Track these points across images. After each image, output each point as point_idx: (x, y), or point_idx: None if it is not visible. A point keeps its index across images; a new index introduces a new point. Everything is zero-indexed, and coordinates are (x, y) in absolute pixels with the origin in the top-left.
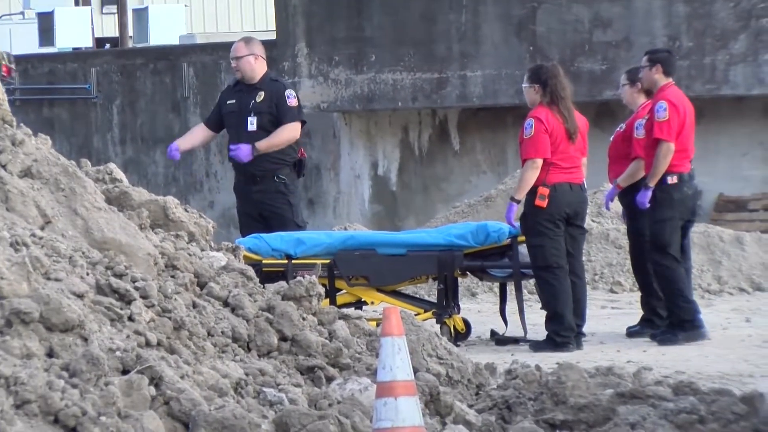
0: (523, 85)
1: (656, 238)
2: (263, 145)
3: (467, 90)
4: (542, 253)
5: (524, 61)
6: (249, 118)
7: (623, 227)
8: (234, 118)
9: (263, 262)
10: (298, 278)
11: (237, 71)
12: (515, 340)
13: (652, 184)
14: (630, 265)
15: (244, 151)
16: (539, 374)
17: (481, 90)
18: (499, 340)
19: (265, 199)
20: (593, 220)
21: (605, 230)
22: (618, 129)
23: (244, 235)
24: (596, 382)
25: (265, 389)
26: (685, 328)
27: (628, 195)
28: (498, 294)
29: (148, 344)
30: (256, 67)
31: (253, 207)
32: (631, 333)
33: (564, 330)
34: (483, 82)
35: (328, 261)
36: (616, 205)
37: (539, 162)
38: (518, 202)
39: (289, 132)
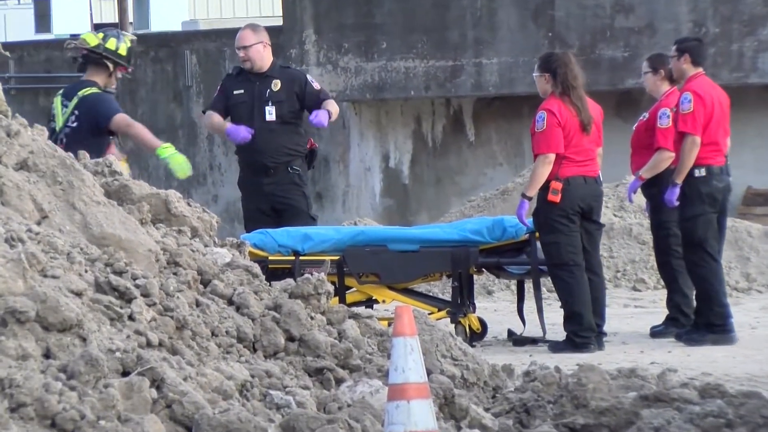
0: (534, 74)
1: (689, 235)
2: (333, 110)
3: (482, 78)
4: (557, 251)
5: (542, 47)
6: (267, 108)
7: (647, 222)
8: (245, 108)
9: (269, 258)
10: (306, 275)
11: (245, 61)
12: (533, 341)
13: (679, 180)
14: (654, 261)
15: (323, 116)
16: (559, 376)
17: (497, 78)
18: (516, 340)
19: (279, 191)
20: (615, 215)
21: (628, 225)
22: (641, 118)
23: (249, 231)
24: (618, 384)
25: (271, 392)
26: (714, 330)
27: (651, 187)
28: (515, 292)
29: (149, 345)
30: (265, 56)
31: (264, 200)
32: (655, 333)
33: (583, 330)
34: (499, 70)
35: (337, 257)
36: (639, 198)
37: (552, 157)
38: (530, 199)
39: (337, 106)
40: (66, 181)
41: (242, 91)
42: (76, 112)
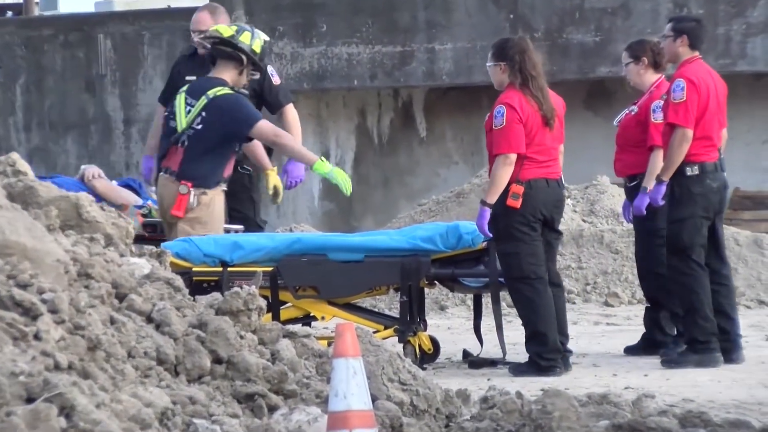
0: (488, 64)
1: (674, 239)
2: (292, 122)
3: (435, 66)
4: (517, 262)
5: (503, 32)
6: None
7: (620, 228)
8: None
9: (194, 269)
10: (235, 289)
11: (201, 47)
12: (492, 362)
13: (665, 177)
14: (628, 273)
15: (299, 171)
16: (520, 402)
17: (452, 66)
18: (472, 362)
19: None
20: (584, 220)
21: (599, 232)
22: (628, 112)
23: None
24: (588, 411)
25: (195, 420)
26: (696, 349)
27: (638, 189)
28: (471, 308)
29: (57, 367)
30: None
31: None
32: (631, 353)
33: (548, 351)
34: (454, 56)
35: (270, 268)
36: (614, 203)
37: (513, 158)
38: (491, 206)
39: (296, 117)
40: None
41: (195, 77)
42: (204, 114)
